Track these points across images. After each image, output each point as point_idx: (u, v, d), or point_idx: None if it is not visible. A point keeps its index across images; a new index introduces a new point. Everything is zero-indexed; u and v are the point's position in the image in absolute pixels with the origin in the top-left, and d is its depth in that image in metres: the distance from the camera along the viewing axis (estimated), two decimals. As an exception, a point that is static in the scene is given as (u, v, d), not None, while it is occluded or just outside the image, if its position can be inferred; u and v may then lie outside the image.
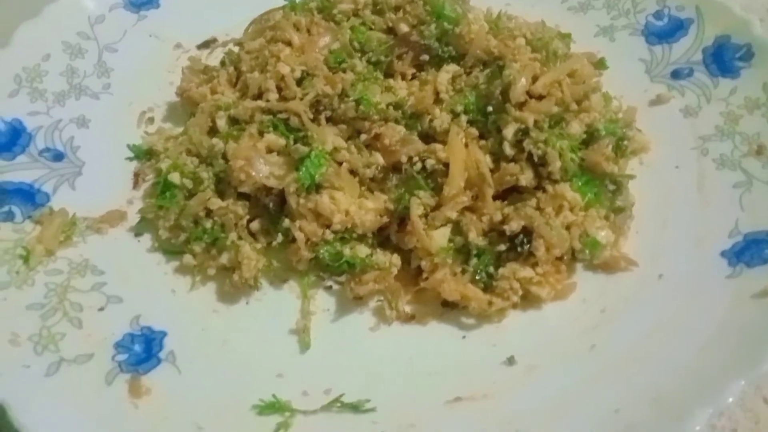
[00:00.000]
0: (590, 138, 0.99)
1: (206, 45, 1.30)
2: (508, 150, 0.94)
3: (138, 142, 1.14)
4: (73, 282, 0.94)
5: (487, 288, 0.90)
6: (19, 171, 1.05)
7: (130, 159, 1.12)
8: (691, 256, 0.91)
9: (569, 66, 1.01)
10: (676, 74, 1.14)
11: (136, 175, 1.10)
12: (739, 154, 1.00)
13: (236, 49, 1.21)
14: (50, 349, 0.85)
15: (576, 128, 0.96)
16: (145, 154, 1.11)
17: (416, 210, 0.91)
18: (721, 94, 1.08)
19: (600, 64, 1.18)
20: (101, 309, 0.92)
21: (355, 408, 0.81)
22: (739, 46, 1.10)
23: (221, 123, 1.05)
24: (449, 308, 0.92)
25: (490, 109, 0.99)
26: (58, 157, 1.09)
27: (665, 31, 1.19)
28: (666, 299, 0.88)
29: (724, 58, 1.11)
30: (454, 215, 0.93)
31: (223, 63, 1.23)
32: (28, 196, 1.03)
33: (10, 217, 0.99)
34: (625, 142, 1.01)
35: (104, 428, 0.78)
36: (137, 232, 1.03)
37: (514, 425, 0.77)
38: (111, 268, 0.97)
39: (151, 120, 1.18)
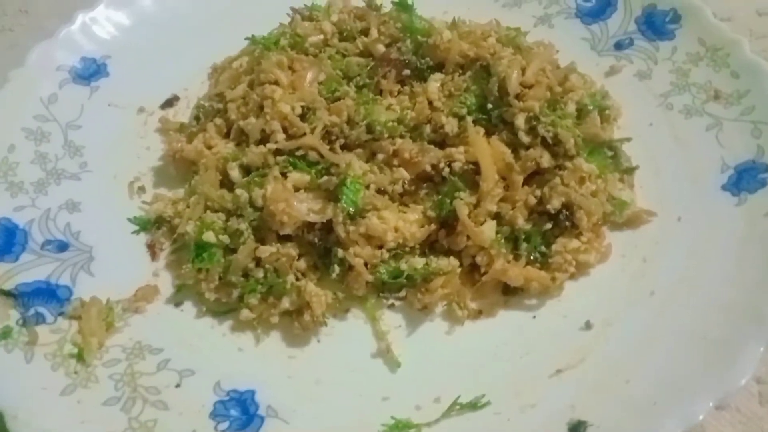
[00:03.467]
0: (580, 113, 1.08)
1: (169, 104, 1.28)
2: (524, 138, 1.01)
3: (136, 214, 1.10)
4: (137, 367, 0.90)
5: (543, 266, 0.97)
6: (28, 270, 0.99)
7: (136, 232, 1.08)
8: (697, 196, 1.03)
9: (546, 53, 1.11)
10: (618, 45, 1.27)
11: (151, 246, 1.06)
12: (700, 101, 1.14)
13: (207, 102, 1.19)
14: (150, 439, 0.80)
15: (571, 107, 1.05)
16: (154, 223, 1.07)
17: (463, 210, 0.95)
18: (664, 55, 1.22)
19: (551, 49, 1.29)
20: (178, 386, 0.88)
21: (474, 406, 0.84)
22: (665, 11, 1.25)
23: (234, 174, 1.04)
24: (510, 295, 0.97)
25: (489, 106, 1.06)
26: (62, 247, 1.03)
27: (596, 10, 1.32)
28: (691, 237, 0.99)
29: (656, 24, 1.26)
30: (494, 208, 0.98)
31: (197, 118, 1.21)
32: (50, 294, 0.97)
33: (41, 319, 0.93)
34: (607, 111, 1.12)
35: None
36: (177, 301, 0.99)
37: (619, 376, 0.83)
38: (167, 344, 0.93)
39: (143, 189, 1.14)
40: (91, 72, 1.25)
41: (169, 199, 1.10)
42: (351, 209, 0.95)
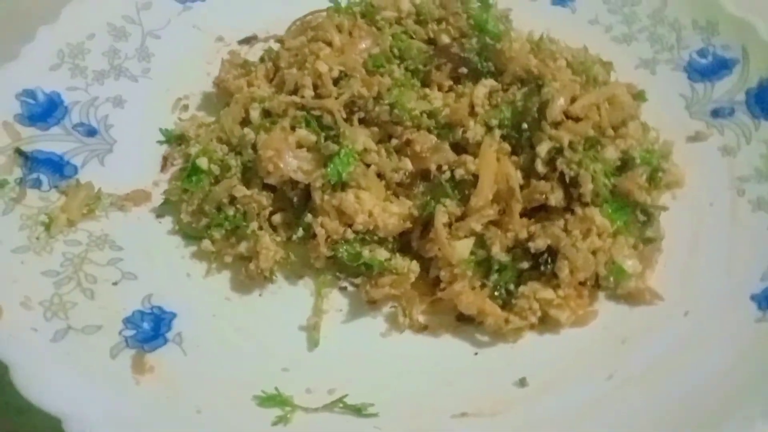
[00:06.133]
0: (624, 165, 0.97)
1: (247, 41, 1.31)
2: (540, 167, 0.92)
3: (170, 127, 1.15)
4: (91, 254, 0.94)
5: (506, 305, 0.88)
6: (51, 142, 1.06)
7: (161, 142, 1.13)
8: (720, 296, 0.88)
9: (609, 91, 1.00)
10: (716, 113, 1.12)
11: (165, 158, 1.11)
12: (778, 199, 0.97)
13: (276, 46, 1.22)
14: (59, 316, 0.84)
15: (611, 153, 0.94)
16: (176, 139, 1.12)
17: (441, 217, 0.89)
18: (762, 136, 1.06)
19: (640, 96, 1.16)
20: (115, 283, 0.91)
21: (358, 411, 0.79)
22: (786, 91, 1.08)
23: (255, 114, 1.05)
24: (464, 322, 0.90)
25: (525, 125, 0.98)
26: (91, 132, 1.10)
27: (709, 69, 1.17)
28: (690, 337, 0.85)
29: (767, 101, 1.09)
30: (479, 227, 0.91)
31: (262, 59, 1.23)
32: (57, 167, 1.03)
33: (37, 184, 1.00)
34: (660, 174, 0.99)
35: (104, 399, 0.76)
36: (159, 213, 1.03)
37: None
38: (129, 246, 0.97)
39: (186, 107, 1.19)
40: (190, -7, 1.32)
41: (199, 122, 1.13)
42: (333, 179, 0.92)
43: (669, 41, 1.23)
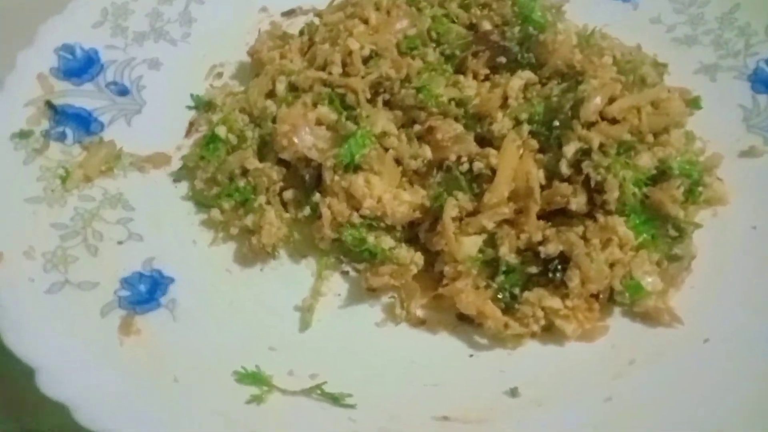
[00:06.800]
0: (661, 176, 0.89)
1: (290, 13, 1.29)
2: (565, 169, 0.86)
3: (202, 93, 1.14)
4: (102, 212, 0.94)
5: (509, 309, 0.83)
6: (82, 97, 1.07)
7: (190, 108, 1.12)
8: (746, 327, 0.81)
9: (653, 94, 0.92)
10: (777, 129, 1.02)
11: (191, 123, 1.10)
12: (831, 229, 0.88)
13: (316, 20, 1.19)
14: (59, 269, 0.85)
15: (646, 161, 0.87)
16: (204, 106, 1.11)
17: (450, 211, 0.85)
18: (825, 159, 0.96)
19: (694, 103, 1.08)
20: (120, 243, 0.91)
21: (335, 399, 0.76)
22: None
23: (280, 87, 1.03)
24: (464, 322, 0.85)
25: (556, 123, 0.92)
26: (123, 92, 1.11)
27: (776, 81, 1.08)
28: (706, 369, 0.78)
29: (837, 121, 0.99)
30: (491, 225, 0.86)
31: (301, 32, 1.21)
32: (84, 122, 1.05)
33: (62, 137, 1.01)
34: (700, 188, 0.91)
35: (86, 355, 0.77)
36: (176, 178, 1.02)
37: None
38: (142, 207, 0.97)
39: (220, 75, 1.18)
40: (239, -39, 1.31)
41: (228, 91, 1.12)
42: (346, 159, 0.89)
43: (735, 47, 1.14)
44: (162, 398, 0.73)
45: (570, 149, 0.87)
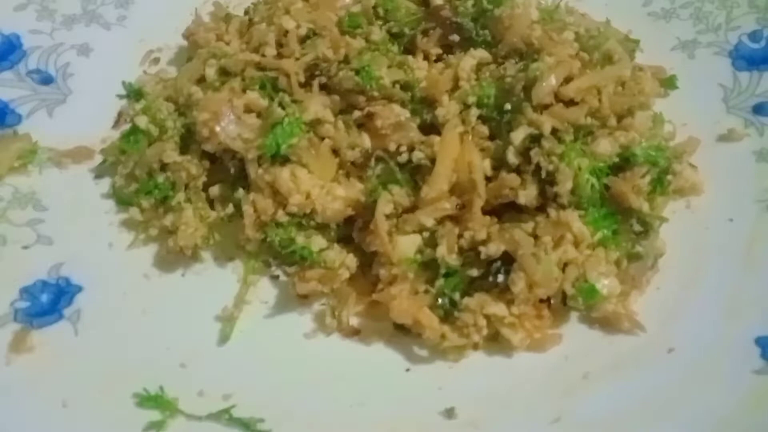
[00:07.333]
0: (624, 164, 0.80)
1: (232, -6, 1.19)
2: (512, 158, 0.77)
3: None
4: (10, 213, 0.87)
5: (448, 317, 0.74)
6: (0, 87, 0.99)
7: (121, 97, 1.03)
8: (717, 335, 0.71)
9: (615, 72, 0.83)
10: (759, 109, 0.93)
11: (120, 114, 1.01)
12: (816, 219, 0.78)
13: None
14: (-49, 276, 0.77)
15: (605, 147, 0.78)
16: (135, 94, 1.02)
17: (383, 207, 0.76)
18: (812, 142, 0.86)
19: (669, 82, 0.99)
20: (25, 247, 0.83)
21: (245, 425, 0.67)
22: None
23: (210, 72, 0.94)
24: (402, 332, 0.76)
25: (508, 106, 0.82)
26: (46, 80, 1.03)
27: (759, 56, 0.98)
28: (669, 381, 0.69)
29: (826, 99, 0.89)
30: (430, 222, 0.77)
31: (246, 12, 1.11)
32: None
33: (-28, 132, 0.93)
34: (669, 177, 0.81)
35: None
36: (98, 174, 0.94)
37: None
38: (55, 207, 0.89)
39: (156, 60, 1.09)
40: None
41: (160, 78, 1.03)
42: (270, 151, 0.80)
43: (716, 20, 1.04)
44: (43, 427, 0.64)
45: (518, 135, 0.77)
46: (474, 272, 0.74)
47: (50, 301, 0.78)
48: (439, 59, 0.94)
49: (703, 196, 0.86)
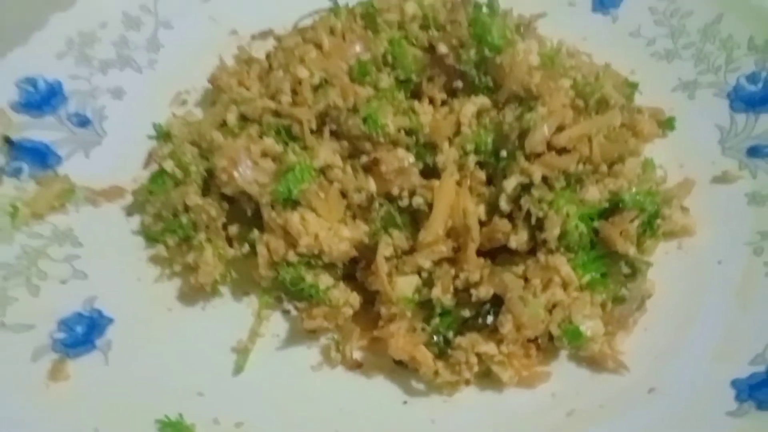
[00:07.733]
0: (614, 209, 0.84)
1: (262, 36, 1.27)
2: (504, 204, 0.82)
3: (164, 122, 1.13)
4: (50, 249, 0.94)
5: (442, 355, 0.79)
6: (41, 130, 1.07)
7: (151, 137, 1.11)
8: (700, 377, 0.75)
9: (605, 121, 0.87)
10: (753, 151, 0.96)
11: (150, 155, 1.09)
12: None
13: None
14: (-4, 310, 0.85)
15: (594, 193, 0.83)
16: (164, 136, 1.10)
17: (384, 250, 0.82)
18: (804, 186, 0.89)
19: (667, 124, 1.02)
20: (63, 282, 0.91)
21: (255, 452, 0.74)
22: None
23: (231, 117, 1.02)
24: (401, 366, 0.82)
25: (503, 153, 0.87)
26: (84, 123, 1.11)
27: (757, 98, 1.01)
28: (651, 422, 0.73)
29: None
30: (427, 264, 0.82)
31: (268, 56, 1.19)
32: (41, 156, 1.05)
33: (17, 173, 1.02)
34: (658, 221, 0.85)
35: (11, 402, 0.76)
36: (129, 212, 1.02)
37: None
38: (90, 243, 0.97)
39: (185, 102, 1.17)
40: (211, -14, 1.29)
41: (186, 121, 1.11)
42: (283, 195, 0.87)
43: (717, 61, 1.07)
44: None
45: (510, 183, 0.82)
46: (467, 313, 0.79)
47: (84, 333, 0.86)
48: (444, 103, 1.00)
49: (695, 237, 0.90)
